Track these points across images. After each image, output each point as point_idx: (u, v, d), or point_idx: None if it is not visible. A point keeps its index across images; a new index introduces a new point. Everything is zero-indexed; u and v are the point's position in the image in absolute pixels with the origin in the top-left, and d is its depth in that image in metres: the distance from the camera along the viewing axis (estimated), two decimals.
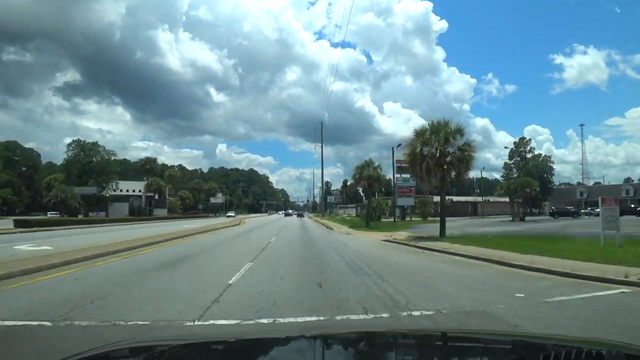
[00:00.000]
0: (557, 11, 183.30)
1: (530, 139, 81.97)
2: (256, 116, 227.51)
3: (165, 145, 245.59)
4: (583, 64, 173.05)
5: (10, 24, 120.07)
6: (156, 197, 71.96)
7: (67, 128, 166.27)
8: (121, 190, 73.12)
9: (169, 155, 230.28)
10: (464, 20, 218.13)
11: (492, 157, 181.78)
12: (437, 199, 71.87)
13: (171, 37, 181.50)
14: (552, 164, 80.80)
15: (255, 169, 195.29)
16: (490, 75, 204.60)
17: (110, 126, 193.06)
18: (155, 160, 69.69)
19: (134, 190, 73.14)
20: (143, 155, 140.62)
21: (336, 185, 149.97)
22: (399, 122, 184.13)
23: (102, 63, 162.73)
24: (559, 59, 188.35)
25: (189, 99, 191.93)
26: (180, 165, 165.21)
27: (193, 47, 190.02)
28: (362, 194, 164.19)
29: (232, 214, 73.16)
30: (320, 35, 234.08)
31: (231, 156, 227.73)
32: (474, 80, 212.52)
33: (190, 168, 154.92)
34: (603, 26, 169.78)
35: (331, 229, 33.04)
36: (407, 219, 52.19)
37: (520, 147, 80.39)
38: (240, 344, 2.06)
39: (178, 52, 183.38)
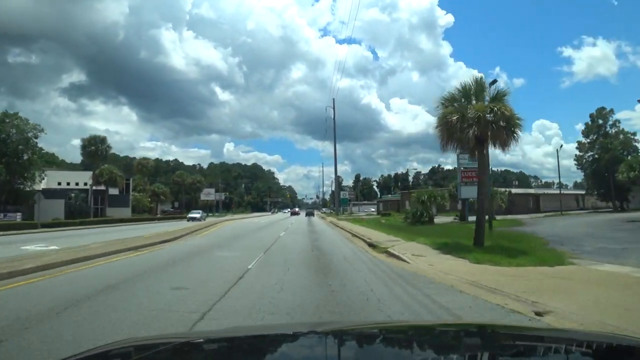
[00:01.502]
0: (565, 2, 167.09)
1: (612, 110, 60.90)
2: (262, 114, 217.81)
3: (173, 145, 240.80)
4: (592, 56, 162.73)
5: (14, 25, 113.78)
6: (111, 192, 52.83)
7: (76, 129, 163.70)
8: (65, 184, 54.88)
9: (176, 155, 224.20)
10: (471, 14, 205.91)
11: (499, 152, 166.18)
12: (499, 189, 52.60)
13: (175, 36, 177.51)
14: (637, 144, 60.49)
15: (262, 166, 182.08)
16: (497, 69, 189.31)
17: (117, 127, 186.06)
18: (104, 139, 48.83)
19: (85, 184, 54.20)
20: (151, 155, 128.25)
21: (345, 183, 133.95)
22: (406, 119, 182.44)
23: (106, 63, 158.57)
24: (567, 51, 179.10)
25: (195, 97, 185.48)
26: (176, 160, 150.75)
27: (197, 46, 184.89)
28: (376, 189, 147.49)
29: (197, 215, 49.53)
30: (325, 32, 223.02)
31: (239, 155, 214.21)
32: (481, 75, 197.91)
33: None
34: (612, 17, 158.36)
35: (392, 254, 11.81)
36: (469, 218, 33.15)
37: (599, 121, 60.14)
38: (245, 340, 1.86)
39: (182, 51, 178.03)
